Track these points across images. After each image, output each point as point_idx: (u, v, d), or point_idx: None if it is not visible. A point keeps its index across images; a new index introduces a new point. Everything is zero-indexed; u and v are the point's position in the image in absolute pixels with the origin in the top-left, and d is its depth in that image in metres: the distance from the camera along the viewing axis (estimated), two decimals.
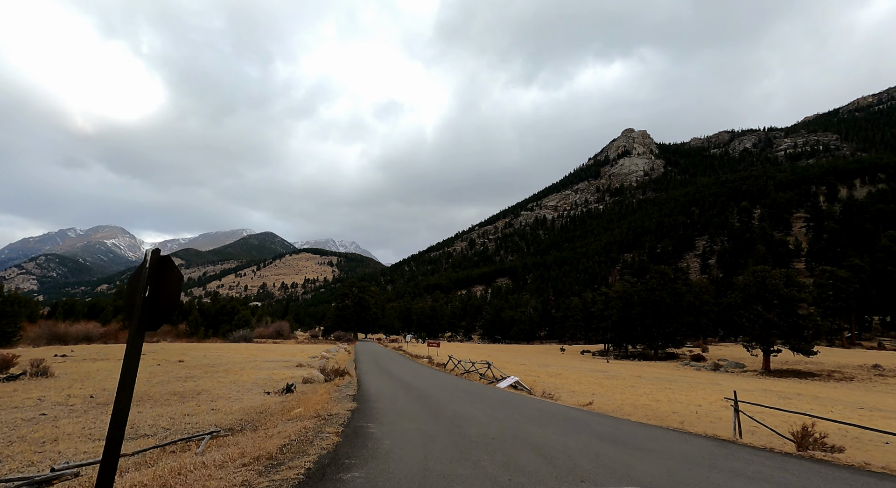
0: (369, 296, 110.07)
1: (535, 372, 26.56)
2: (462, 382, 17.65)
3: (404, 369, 23.56)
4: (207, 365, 18.76)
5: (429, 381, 16.89)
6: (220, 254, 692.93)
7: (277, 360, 22.75)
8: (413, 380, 16.71)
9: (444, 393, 12.53)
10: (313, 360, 23.39)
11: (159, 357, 21.18)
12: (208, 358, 22.30)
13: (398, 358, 36.42)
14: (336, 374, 15.99)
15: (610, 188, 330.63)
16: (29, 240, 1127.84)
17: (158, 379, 13.27)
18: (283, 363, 21.07)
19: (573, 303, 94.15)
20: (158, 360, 19.44)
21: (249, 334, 50.68)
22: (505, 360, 38.85)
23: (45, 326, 32.96)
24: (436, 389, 13.81)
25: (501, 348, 76.26)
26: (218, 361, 20.52)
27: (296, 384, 12.19)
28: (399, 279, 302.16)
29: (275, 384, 13.02)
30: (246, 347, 33.95)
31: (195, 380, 13.42)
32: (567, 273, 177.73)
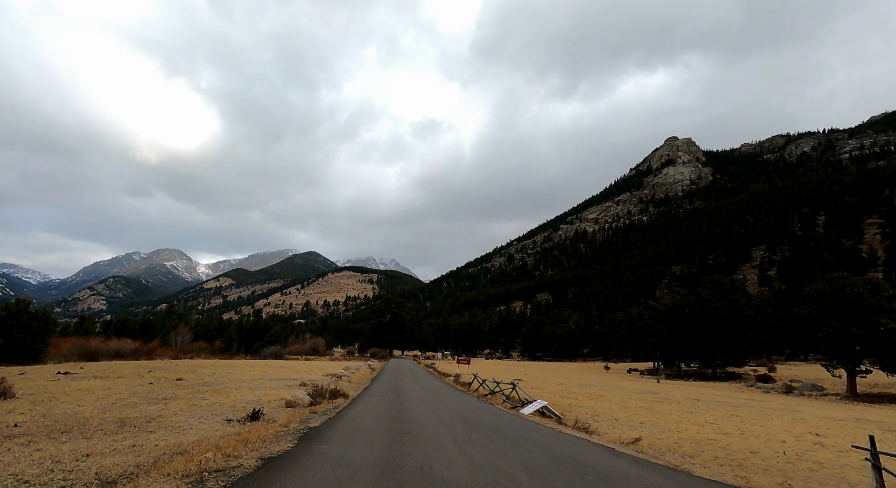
0: (405, 313, 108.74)
1: (573, 393, 23.41)
2: (479, 407, 15.55)
3: (421, 389, 21.61)
4: (204, 383, 17.44)
5: (438, 406, 14.64)
6: (267, 274, 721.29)
7: (285, 379, 21.26)
8: (419, 405, 14.84)
9: (441, 426, 10.38)
10: (325, 379, 21.71)
11: (162, 375, 20.17)
12: (215, 375, 21.11)
13: (424, 376, 34.23)
14: (331, 396, 14.19)
15: (654, 198, 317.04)
16: (100, 263, 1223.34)
17: (124, 402, 11.91)
18: (287, 382, 19.50)
19: (618, 317, 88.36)
20: (158, 379, 18.35)
21: (281, 351, 50.19)
22: (541, 379, 35.59)
23: (76, 343, 33.43)
24: (437, 418, 11.48)
25: (540, 366, 72.07)
26: (220, 379, 19.22)
27: (263, 409, 10.31)
28: (437, 295, 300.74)
29: (253, 408, 11.33)
30: (266, 364, 32.91)
31: (165, 403, 11.96)
32: (610, 287, 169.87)
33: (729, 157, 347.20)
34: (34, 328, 27.55)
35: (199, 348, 48.89)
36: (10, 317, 26.98)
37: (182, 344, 46.92)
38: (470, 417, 12.19)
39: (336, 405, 12.93)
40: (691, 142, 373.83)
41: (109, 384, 16.00)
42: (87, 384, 15.64)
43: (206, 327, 59.07)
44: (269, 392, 15.32)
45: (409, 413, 12.29)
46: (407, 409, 13.27)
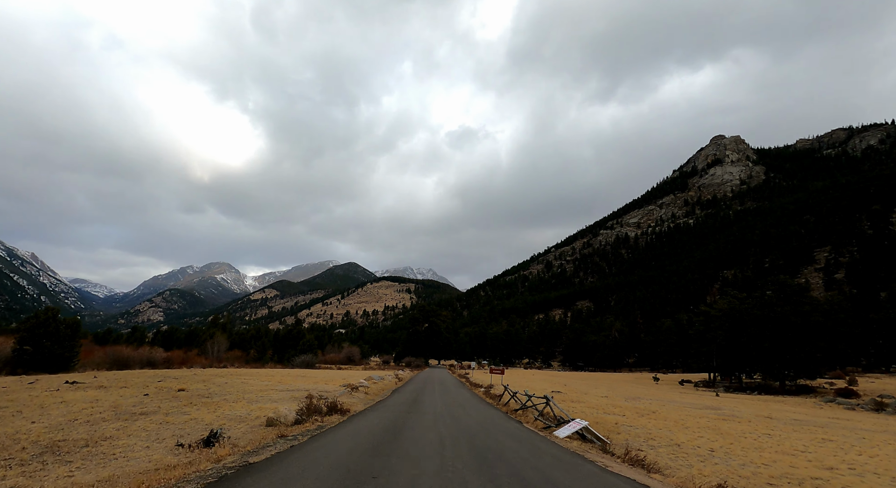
0: (441, 321, 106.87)
1: (620, 409, 20.48)
2: (504, 427, 13.35)
3: (442, 403, 19.52)
4: (204, 395, 16.22)
5: (454, 427, 12.71)
6: (309, 285, 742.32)
7: (296, 390, 19.80)
8: (428, 425, 12.57)
9: (437, 461, 7.85)
10: (339, 390, 20.13)
11: (167, 385, 19.16)
12: (226, 386, 20.03)
13: (454, 387, 32.01)
14: (328, 411, 12.45)
15: (700, 200, 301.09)
16: (158, 277, 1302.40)
17: (93, 417, 10.66)
18: (296, 393, 17.98)
19: (665, 325, 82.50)
20: (160, 389, 17.33)
21: (313, 359, 49.50)
22: (582, 391, 32.44)
23: (109, 351, 33.84)
24: (437, 446, 9.39)
25: (582, 376, 67.86)
26: (225, 390, 18.01)
27: (226, 431, 8.51)
28: (474, 304, 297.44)
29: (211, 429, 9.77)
30: (290, 373, 31.76)
31: (135, 420, 10.65)
32: (655, 293, 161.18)
33: (783, 154, 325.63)
34: (62, 335, 27.80)
35: (234, 357, 49.00)
36: (39, 324, 27.24)
37: (218, 352, 47.10)
38: (485, 444, 9.99)
39: (323, 424, 11.10)
40: (740, 139, 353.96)
41: (102, 395, 15.03)
42: (78, 395, 14.73)
43: (243, 336, 59.69)
44: (264, 406, 13.73)
45: (407, 437, 10.27)
46: (409, 431, 11.06)
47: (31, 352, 26.71)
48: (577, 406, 20.46)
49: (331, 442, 9.17)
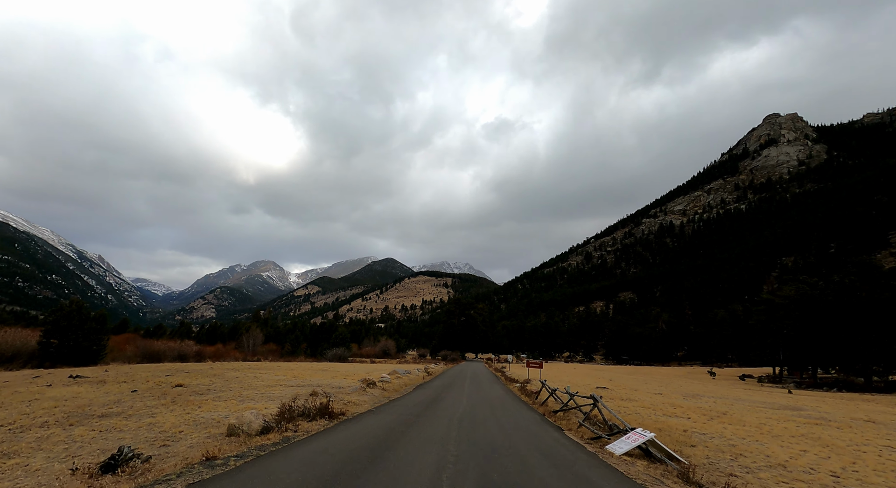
0: (477, 314, 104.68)
1: (682, 409, 17.43)
2: (540, 437, 10.59)
3: (467, 403, 16.99)
4: (199, 391, 14.93)
5: (472, 435, 10.33)
6: (349, 281, 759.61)
7: (305, 385, 18.26)
8: (438, 436, 9.94)
9: None
10: (355, 384, 18.43)
11: (170, 380, 18.25)
12: (235, 380, 18.96)
13: (488, 382, 29.66)
14: (318, 414, 10.68)
15: (753, 184, 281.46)
16: (209, 275, 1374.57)
17: (46, 419, 9.37)
18: (302, 389, 16.49)
19: (719, 316, 76.30)
20: (158, 384, 16.27)
21: (345, 353, 48.63)
22: (632, 387, 29.18)
23: (141, 344, 33.93)
24: (433, 474, 6.75)
25: (628, 370, 63.61)
26: (228, 386, 16.80)
27: (134, 451, 6.48)
28: (512, 297, 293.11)
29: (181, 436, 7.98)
30: (313, 367, 30.56)
31: (82, 425, 9.18)
32: (705, 283, 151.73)
33: (848, 131, 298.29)
34: (87, 328, 27.71)
35: (269, 350, 48.93)
36: (63, 317, 27.17)
37: (253, 346, 47.07)
38: (506, 472, 7.03)
39: (292, 436, 8.87)
40: (797, 117, 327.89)
41: (88, 391, 13.98)
42: (63, 391, 13.74)
43: (278, 330, 60.00)
44: (255, 405, 12.06)
45: (391, 463, 7.29)
46: (401, 450, 8.42)
47: (58, 344, 26.77)
48: (628, 405, 17.77)
49: (275, 470, 6.63)
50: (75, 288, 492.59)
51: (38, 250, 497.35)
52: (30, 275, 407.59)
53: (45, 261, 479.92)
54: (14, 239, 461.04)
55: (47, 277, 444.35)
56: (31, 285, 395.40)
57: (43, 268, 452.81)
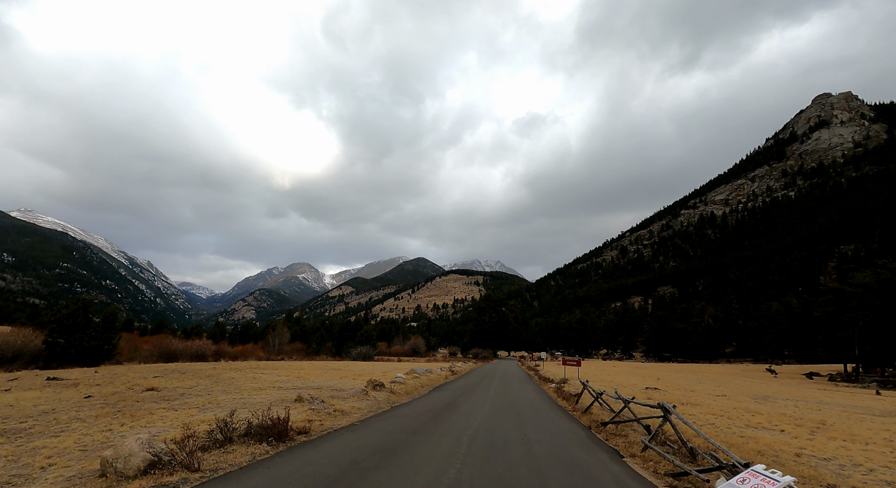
0: (508, 310, 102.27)
1: (763, 416, 14.48)
2: (592, 471, 7.37)
3: (492, 409, 14.25)
4: (167, 397, 13.81)
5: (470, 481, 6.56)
6: (381, 281, 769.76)
7: (303, 387, 16.97)
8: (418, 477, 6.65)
9: None
10: (359, 386, 16.90)
11: (159, 382, 17.29)
12: (229, 381, 18.10)
13: (519, 382, 27.39)
14: (264, 435, 8.05)
15: (803, 169, 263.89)
16: (249, 278, 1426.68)
17: None
18: (295, 392, 15.06)
19: (773, 309, 70.70)
20: (133, 387, 15.26)
21: (370, 351, 47.69)
22: (686, 387, 26.15)
23: (157, 344, 33.83)
24: None
25: (674, 368, 59.67)
26: (210, 389, 15.70)
27: None
28: (545, 294, 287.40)
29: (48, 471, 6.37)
30: (324, 366, 29.44)
31: None
32: (753, 275, 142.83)
33: None
34: (94, 327, 27.23)
35: (295, 349, 48.73)
36: (68, 315, 26.82)
37: (279, 345, 46.87)
38: None
39: (179, 481, 5.90)
40: (851, 96, 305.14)
41: (41, 397, 13.27)
42: (16, 396, 13.03)
43: (305, 328, 60.08)
44: (217, 414, 10.07)
45: None
46: None
47: (63, 344, 26.55)
48: (693, 411, 14.82)
49: None
50: (127, 292, 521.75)
51: (94, 257, 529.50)
52: (87, 281, 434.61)
53: (100, 267, 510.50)
54: (72, 247, 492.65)
55: (102, 283, 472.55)
56: (89, 290, 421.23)
57: (98, 274, 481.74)
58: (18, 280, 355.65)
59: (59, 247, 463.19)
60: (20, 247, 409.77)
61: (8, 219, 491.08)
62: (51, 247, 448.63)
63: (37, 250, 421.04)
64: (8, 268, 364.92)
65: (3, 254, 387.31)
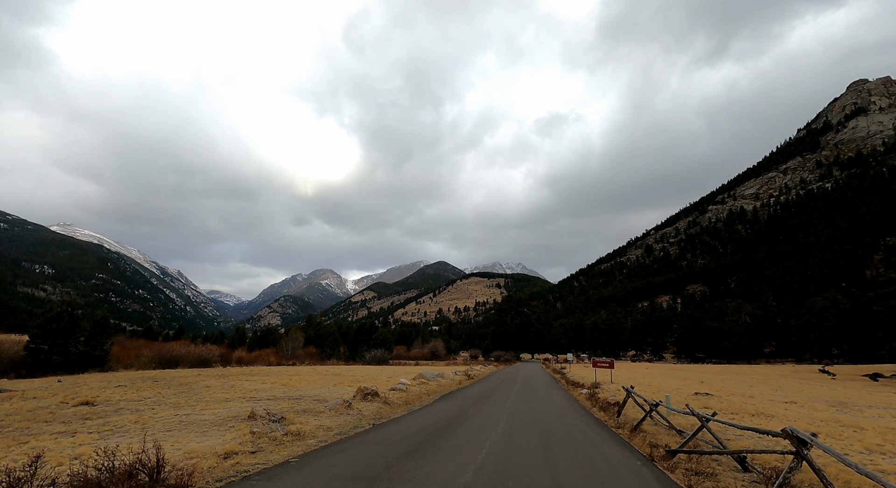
0: (530, 311, 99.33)
1: (873, 433, 11.53)
2: None
3: (508, 428, 11.20)
4: (90, 416, 12.09)
5: None
6: (403, 285, 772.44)
7: (277, 398, 15.13)
8: None
9: None
10: (346, 395, 14.74)
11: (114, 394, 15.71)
12: (208, 387, 16.59)
13: (544, 386, 24.83)
14: None
15: (839, 159, 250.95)
16: (274, 285, 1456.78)
17: None
18: (264, 404, 13.28)
19: (818, 305, 65.59)
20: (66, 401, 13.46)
21: (385, 355, 45.80)
22: (742, 393, 22.78)
23: (157, 349, 32.56)
24: None
25: (714, 370, 55.53)
26: (162, 402, 14.01)
27: None
28: (568, 295, 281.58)
29: None
30: (327, 371, 27.58)
31: None
32: (790, 270, 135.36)
33: None
34: (81, 332, 25.81)
35: (308, 354, 47.41)
36: (51, 320, 25.38)
37: (292, 349, 45.57)
38: None
39: None
40: (891, 81, 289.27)
41: None
42: None
43: (319, 332, 58.90)
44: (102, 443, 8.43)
45: None
46: None
47: (47, 351, 25.19)
48: (771, 426, 11.62)
49: None
50: (158, 301, 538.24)
51: (128, 268, 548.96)
52: (121, 291, 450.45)
53: (133, 277, 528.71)
54: (107, 258, 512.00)
55: (135, 292, 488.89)
56: (122, 300, 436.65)
57: (131, 284, 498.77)
58: (58, 290, 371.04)
59: (95, 258, 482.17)
60: (59, 260, 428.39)
61: (48, 233, 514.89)
62: (87, 258, 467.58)
63: (74, 262, 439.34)
64: (48, 279, 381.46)
65: (44, 266, 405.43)
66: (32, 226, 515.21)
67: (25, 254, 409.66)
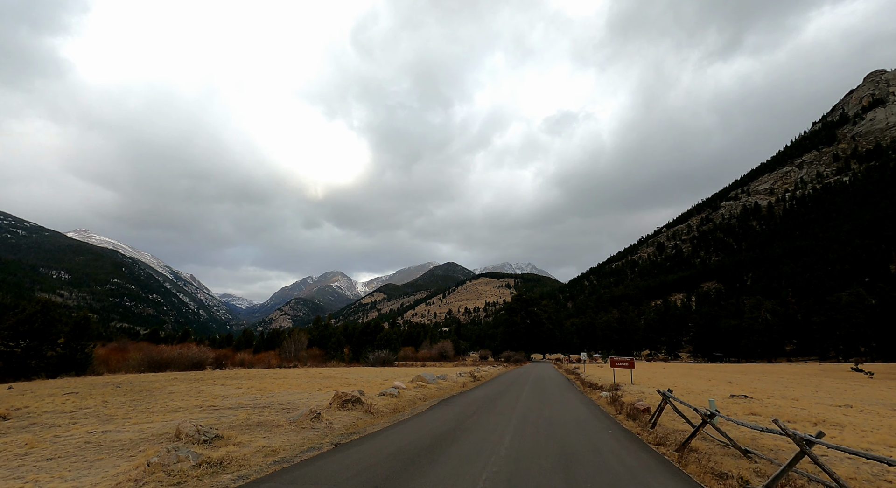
0: (541, 310, 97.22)
1: None
2: None
3: (517, 443, 9.34)
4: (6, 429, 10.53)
5: None
6: (412, 287, 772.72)
7: (239, 406, 13.20)
8: None
9: None
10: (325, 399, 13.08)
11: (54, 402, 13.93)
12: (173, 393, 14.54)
13: (557, 389, 22.55)
14: None
15: (857, 152, 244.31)
16: (285, 288, 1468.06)
17: None
18: (206, 414, 11.64)
19: (844, 300, 62.57)
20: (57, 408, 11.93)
21: (390, 356, 44.24)
22: (782, 395, 20.15)
23: (146, 352, 31.08)
24: None
25: (736, 369, 52.81)
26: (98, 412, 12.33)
27: None
28: (578, 295, 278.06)
29: None
30: (318, 373, 26.06)
31: None
32: (809, 266, 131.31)
33: None
34: (56, 333, 24.35)
35: (311, 355, 46.15)
36: (23, 321, 23.48)
37: (295, 351, 44.27)
38: None
39: None
40: None
41: None
42: None
43: (323, 334, 57.71)
44: None
45: None
46: None
47: (20, 354, 23.34)
48: (853, 441, 9.87)
49: None
50: (172, 305, 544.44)
51: (141, 273, 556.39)
52: (135, 295, 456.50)
53: (147, 282, 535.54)
54: (122, 264, 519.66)
55: (149, 296, 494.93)
56: (137, 304, 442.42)
57: (145, 289, 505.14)
58: (74, 296, 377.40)
59: (110, 263, 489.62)
60: (75, 265, 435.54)
61: (64, 239, 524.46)
62: (102, 264, 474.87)
63: (90, 267, 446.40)
64: (65, 285, 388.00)
65: (61, 271, 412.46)
66: (50, 232, 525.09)
67: (43, 260, 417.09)
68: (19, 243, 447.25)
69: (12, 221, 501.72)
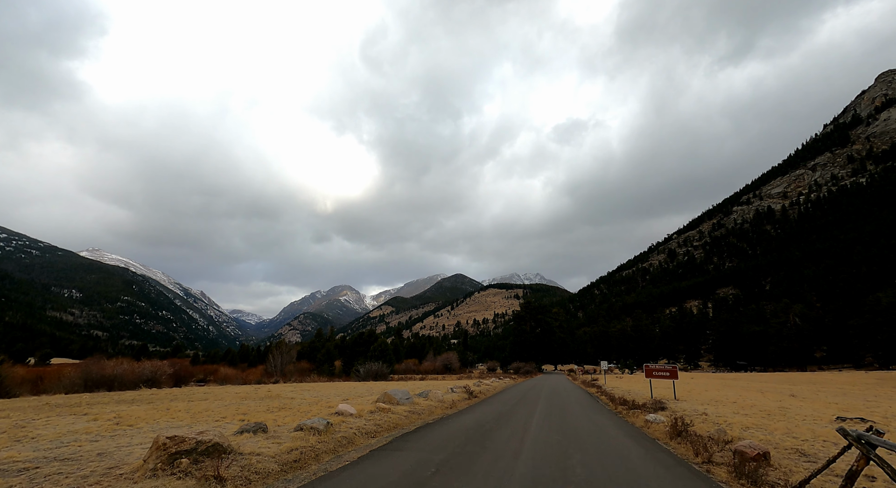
0: (552, 319, 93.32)
1: None
2: None
3: None
4: None
5: None
6: (420, 299, 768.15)
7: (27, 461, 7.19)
8: None
9: None
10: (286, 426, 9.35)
11: None
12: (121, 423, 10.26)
13: (581, 411, 16.25)
14: None
15: (872, 153, 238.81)
16: (294, 303, 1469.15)
17: None
18: None
19: (883, 302, 58.31)
20: None
21: (384, 369, 40.46)
22: (884, 413, 14.36)
23: (84, 368, 27.11)
24: None
25: (768, 380, 48.19)
26: None
27: None
28: (589, 304, 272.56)
29: None
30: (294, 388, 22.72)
31: None
32: (832, 269, 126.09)
33: None
34: None
35: (300, 369, 43.29)
36: None
37: (281, 365, 41.39)
38: None
39: None
40: None
41: None
42: None
43: (314, 345, 54.69)
44: None
45: None
46: None
47: None
48: None
49: None
50: (182, 322, 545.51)
51: (152, 290, 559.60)
52: (145, 313, 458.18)
53: (157, 299, 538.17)
54: (133, 281, 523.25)
55: (159, 313, 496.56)
56: (147, 321, 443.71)
57: (156, 306, 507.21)
58: (84, 314, 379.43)
59: (121, 281, 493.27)
60: (87, 284, 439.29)
61: (77, 258, 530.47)
62: (113, 282, 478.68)
63: (101, 285, 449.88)
64: (76, 303, 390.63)
65: (72, 290, 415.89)
66: (62, 252, 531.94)
67: (55, 280, 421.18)
68: (33, 263, 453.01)
69: (26, 242, 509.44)
